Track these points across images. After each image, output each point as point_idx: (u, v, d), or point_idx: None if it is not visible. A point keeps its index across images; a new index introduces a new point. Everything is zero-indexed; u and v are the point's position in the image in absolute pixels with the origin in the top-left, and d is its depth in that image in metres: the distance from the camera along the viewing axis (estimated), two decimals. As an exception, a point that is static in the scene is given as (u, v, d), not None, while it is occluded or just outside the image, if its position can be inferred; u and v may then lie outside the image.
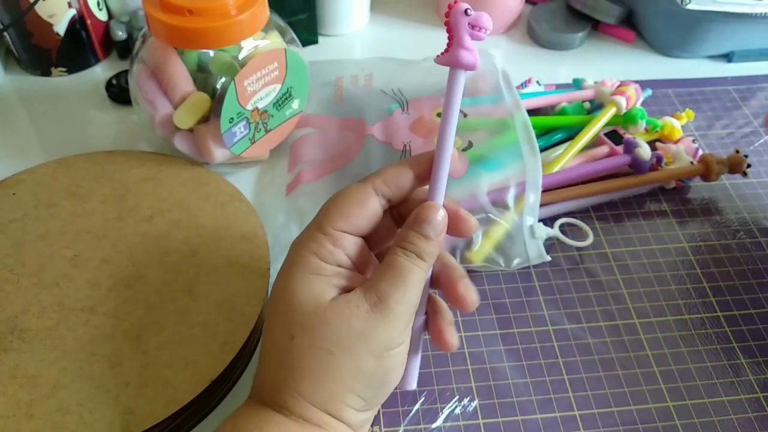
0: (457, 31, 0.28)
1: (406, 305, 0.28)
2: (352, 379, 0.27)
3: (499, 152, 0.45)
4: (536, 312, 0.41)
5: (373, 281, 0.28)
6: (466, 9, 0.27)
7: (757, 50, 0.61)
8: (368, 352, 0.27)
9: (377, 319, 0.27)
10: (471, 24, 0.28)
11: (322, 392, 0.27)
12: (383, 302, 0.27)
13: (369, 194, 0.30)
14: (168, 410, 0.32)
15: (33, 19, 0.52)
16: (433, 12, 0.66)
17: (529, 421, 0.35)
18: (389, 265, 0.28)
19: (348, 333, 0.27)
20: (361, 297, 0.28)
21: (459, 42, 0.28)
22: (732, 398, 0.37)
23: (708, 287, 0.42)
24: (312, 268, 0.28)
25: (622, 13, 0.61)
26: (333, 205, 0.30)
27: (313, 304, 0.27)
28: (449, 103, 0.29)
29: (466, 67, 0.28)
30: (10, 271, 0.38)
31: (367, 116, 0.49)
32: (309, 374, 0.27)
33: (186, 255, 0.40)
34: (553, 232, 0.43)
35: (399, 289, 0.28)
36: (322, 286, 0.28)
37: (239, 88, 0.41)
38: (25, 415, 0.32)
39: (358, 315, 0.27)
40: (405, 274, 0.28)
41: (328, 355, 0.27)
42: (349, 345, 0.27)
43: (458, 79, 0.28)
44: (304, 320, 0.27)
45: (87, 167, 0.45)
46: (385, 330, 0.27)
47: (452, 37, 0.28)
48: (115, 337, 0.35)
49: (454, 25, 0.28)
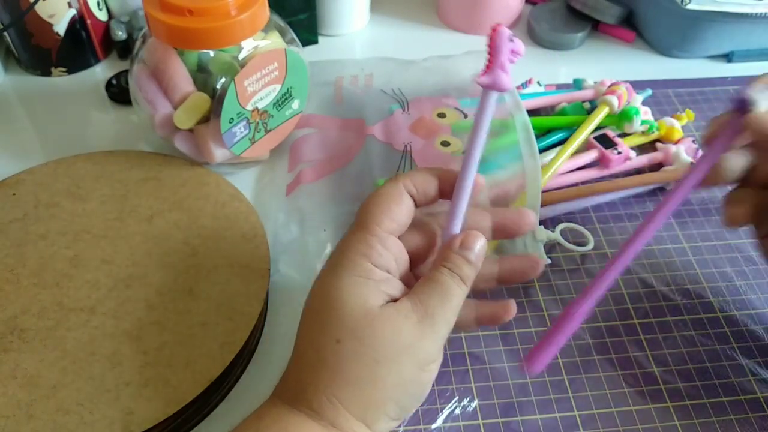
0: (501, 55, 0.29)
1: (448, 323, 0.29)
2: (393, 389, 0.28)
3: (499, 153, 0.45)
4: (536, 312, 0.41)
5: (421, 295, 0.29)
6: (511, 36, 0.29)
7: (757, 50, 0.61)
8: (412, 363, 0.28)
9: (424, 333, 0.28)
10: (512, 50, 0.29)
11: (362, 399, 0.27)
12: (430, 317, 0.28)
13: (403, 192, 0.31)
14: (168, 410, 0.32)
15: (33, 19, 0.52)
16: (433, 12, 0.66)
17: (529, 421, 0.36)
18: (437, 282, 0.29)
19: (396, 343, 0.27)
20: (410, 308, 0.28)
21: (501, 66, 0.29)
22: (731, 399, 0.37)
23: (708, 287, 0.42)
24: (361, 270, 0.29)
25: (622, 13, 0.61)
26: (374, 204, 0.30)
27: (362, 310, 0.28)
28: (480, 122, 0.30)
29: (505, 89, 0.29)
30: (10, 271, 0.38)
31: (367, 116, 0.49)
32: (353, 381, 0.27)
33: (186, 255, 0.40)
34: (554, 235, 0.43)
35: (444, 307, 0.29)
36: (371, 291, 0.28)
37: (239, 88, 0.41)
38: (25, 415, 0.32)
39: (407, 326, 0.28)
40: (450, 293, 0.29)
41: (375, 363, 0.27)
42: (396, 355, 0.27)
43: (491, 100, 0.30)
44: (352, 325, 0.27)
45: (87, 167, 0.45)
46: (430, 344, 0.28)
47: (494, 59, 0.29)
48: (116, 337, 0.35)
49: (497, 49, 0.29)
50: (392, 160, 0.45)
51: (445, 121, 0.48)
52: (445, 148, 0.46)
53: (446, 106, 0.49)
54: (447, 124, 0.48)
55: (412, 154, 0.45)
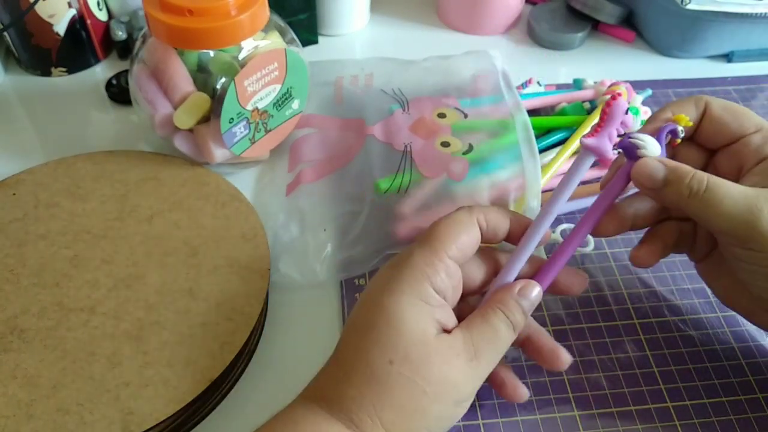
0: (613, 124, 0.29)
1: (489, 367, 0.30)
2: (432, 419, 0.28)
3: (499, 154, 0.45)
4: (536, 312, 0.40)
5: (473, 333, 0.29)
6: (627, 109, 0.29)
7: (757, 50, 0.61)
8: (454, 400, 0.29)
9: (470, 375, 0.29)
10: (622, 122, 0.30)
11: (403, 426, 0.28)
12: (478, 360, 0.29)
13: (475, 224, 0.31)
14: (168, 410, 0.32)
15: (33, 19, 0.52)
16: (433, 12, 0.66)
17: (529, 421, 0.35)
18: (490, 324, 0.30)
19: (447, 380, 0.28)
20: (461, 346, 0.29)
21: (610, 135, 0.29)
22: (731, 399, 0.37)
23: (708, 288, 0.42)
24: (423, 294, 0.29)
25: (622, 13, 0.61)
26: (446, 230, 0.30)
27: (420, 336, 0.28)
28: (570, 181, 0.30)
29: (605, 157, 0.30)
30: (10, 271, 0.38)
31: (367, 116, 0.49)
32: (398, 406, 0.27)
33: (186, 255, 0.40)
34: (554, 236, 0.43)
35: (492, 351, 0.29)
36: (428, 317, 0.29)
37: (239, 88, 0.41)
38: (25, 415, 0.32)
39: (457, 365, 0.28)
40: (501, 340, 0.30)
41: (422, 394, 0.27)
42: (444, 391, 0.28)
43: (587, 162, 0.30)
44: (407, 350, 0.28)
45: (87, 167, 0.45)
46: (472, 386, 0.29)
47: (605, 127, 0.29)
48: (116, 337, 0.35)
49: (612, 118, 0.29)
50: (392, 160, 0.45)
51: (446, 121, 0.48)
52: (445, 149, 0.46)
53: (446, 106, 0.49)
54: (447, 124, 0.48)
55: (412, 154, 0.45)
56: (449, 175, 0.44)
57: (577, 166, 0.30)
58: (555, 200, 0.31)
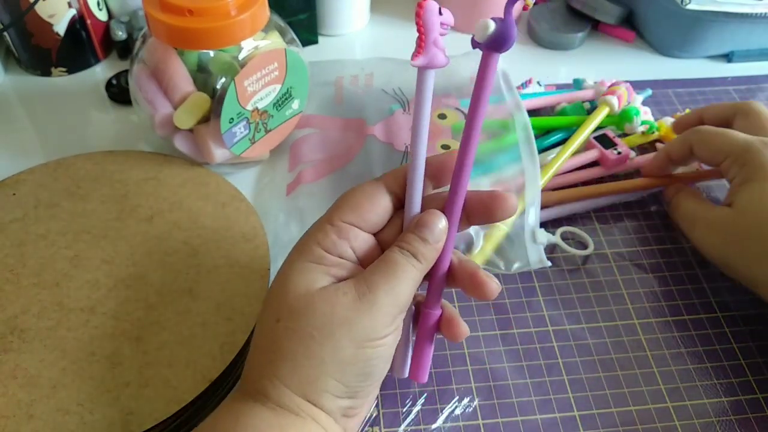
0: (432, 31, 0.27)
1: (395, 299, 0.28)
2: (331, 364, 0.27)
3: (499, 154, 0.45)
4: (536, 312, 0.41)
5: (366, 273, 0.29)
6: (440, 8, 0.27)
7: (757, 50, 0.61)
8: (349, 338, 0.27)
9: (362, 308, 0.27)
10: (442, 23, 0.27)
11: (299, 375, 0.27)
12: (372, 293, 0.28)
13: (380, 190, 0.30)
14: (168, 410, 0.33)
15: (33, 19, 0.52)
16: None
17: (529, 421, 0.36)
18: (384, 259, 0.29)
19: (331, 318, 0.27)
20: (351, 286, 0.28)
21: (435, 42, 0.27)
22: (731, 399, 0.37)
23: (708, 287, 0.42)
24: (313, 257, 0.29)
25: (622, 13, 0.61)
26: (344, 199, 0.30)
27: (303, 290, 0.28)
28: (422, 102, 0.29)
29: (442, 66, 0.28)
30: (10, 271, 0.38)
31: (367, 116, 0.49)
32: (289, 357, 0.27)
33: (186, 255, 0.40)
34: (555, 238, 0.43)
35: (389, 282, 0.28)
36: (318, 275, 0.28)
37: (239, 88, 0.41)
38: (25, 415, 0.32)
39: (343, 302, 0.27)
40: (397, 269, 0.28)
41: (310, 339, 0.27)
42: (331, 330, 0.27)
43: (430, 79, 0.28)
44: (292, 304, 0.28)
45: (87, 167, 0.45)
46: (369, 319, 0.28)
47: (426, 37, 0.27)
48: (116, 337, 0.35)
49: (428, 25, 0.27)
50: (393, 160, 0.45)
51: (446, 122, 0.48)
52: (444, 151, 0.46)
53: (447, 107, 0.49)
54: (447, 125, 0.48)
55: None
56: (449, 175, 0.44)
57: (421, 87, 0.28)
58: (417, 124, 0.29)
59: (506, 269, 0.41)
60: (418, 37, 0.27)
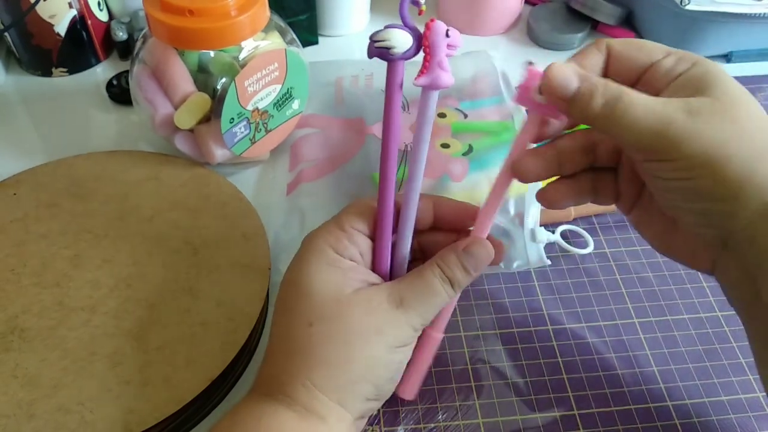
0: (439, 53, 0.27)
1: (423, 318, 0.30)
2: (366, 369, 0.28)
3: (498, 153, 0.45)
4: (536, 312, 0.41)
5: (402, 287, 0.29)
6: (447, 30, 0.27)
7: (756, 50, 0.61)
8: (384, 344, 0.28)
9: (394, 320, 0.28)
10: (448, 45, 0.27)
11: (336, 380, 0.27)
12: (404, 308, 0.29)
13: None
14: (169, 409, 0.33)
15: (34, 19, 0.52)
16: (433, 13, 0.66)
17: (529, 420, 0.36)
18: (423, 279, 0.30)
19: (367, 325, 0.28)
20: (386, 296, 0.29)
21: (440, 64, 0.27)
22: (731, 398, 0.37)
23: (707, 287, 0.42)
24: (329, 259, 0.29)
25: (621, 13, 0.61)
26: (354, 206, 0.31)
27: (332, 294, 0.28)
28: (424, 124, 0.28)
29: (446, 87, 0.27)
30: (11, 271, 0.38)
31: (367, 116, 0.49)
32: (325, 362, 0.27)
33: (187, 255, 0.40)
34: (554, 237, 0.43)
35: (423, 305, 0.29)
36: (340, 278, 0.29)
37: (240, 88, 0.41)
38: (25, 414, 0.32)
39: (379, 311, 0.28)
40: (433, 293, 0.29)
41: (345, 344, 0.28)
42: (368, 337, 0.28)
43: (433, 101, 0.28)
44: (323, 309, 0.28)
45: (87, 167, 0.45)
46: (399, 330, 0.29)
47: (431, 58, 0.27)
48: (116, 337, 0.35)
49: (434, 47, 0.27)
50: (392, 160, 0.45)
51: (445, 121, 0.48)
52: (444, 150, 0.46)
53: (446, 107, 0.49)
54: (447, 124, 0.48)
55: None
56: (449, 176, 0.44)
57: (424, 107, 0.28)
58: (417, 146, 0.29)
59: (506, 268, 0.41)
60: (423, 57, 0.27)
